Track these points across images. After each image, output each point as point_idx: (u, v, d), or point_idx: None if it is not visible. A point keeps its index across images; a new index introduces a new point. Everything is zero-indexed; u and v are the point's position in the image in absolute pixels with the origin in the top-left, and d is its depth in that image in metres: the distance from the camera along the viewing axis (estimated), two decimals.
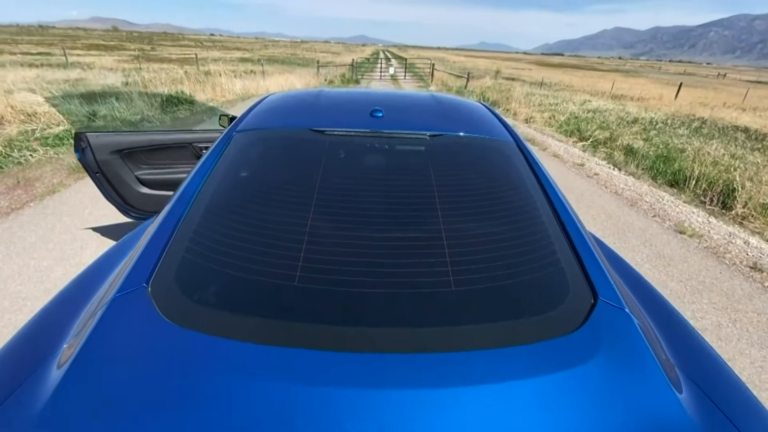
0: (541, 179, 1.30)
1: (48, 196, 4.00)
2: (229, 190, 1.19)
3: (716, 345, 2.38)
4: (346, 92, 2.13)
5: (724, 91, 30.09)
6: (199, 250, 0.96)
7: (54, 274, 2.70)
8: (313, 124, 1.44)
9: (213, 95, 12.78)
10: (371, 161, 1.31)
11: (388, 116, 1.53)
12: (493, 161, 1.38)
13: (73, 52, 31.15)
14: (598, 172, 6.04)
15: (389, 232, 1.06)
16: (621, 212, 4.38)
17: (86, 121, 8.52)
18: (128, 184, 2.60)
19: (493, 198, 1.21)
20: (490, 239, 1.04)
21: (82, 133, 2.43)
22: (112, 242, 3.10)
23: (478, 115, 1.77)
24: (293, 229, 1.02)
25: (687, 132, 11.43)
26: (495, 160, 1.38)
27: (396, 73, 23.00)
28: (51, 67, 19.56)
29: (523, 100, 14.80)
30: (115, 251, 1.31)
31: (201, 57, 30.08)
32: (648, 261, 3.31)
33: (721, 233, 4.13)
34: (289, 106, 1.76)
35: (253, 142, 1.41)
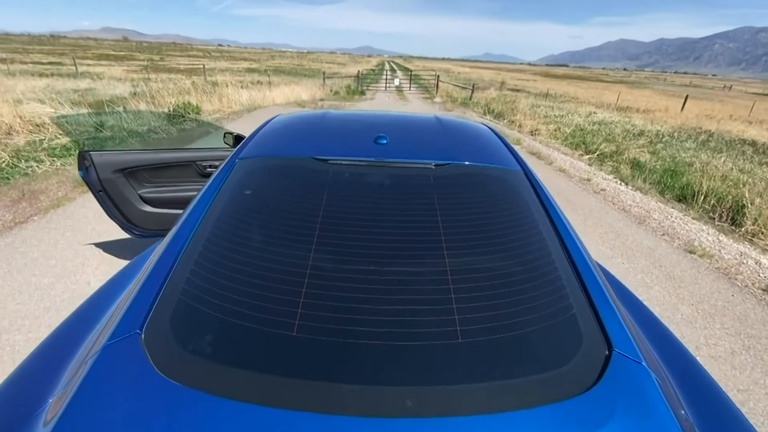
0: (551, 213, 1.26)
1: (52, 209, 4.01)
2: (228, 226, 1.15)
3: (730, 374, 2.30)
4: (350, 115, 2.11)
5: (731, 104, 30.00)
6: (195, 293, 0.92)
7: (54, 291, 2.67)
8: (316, 152, 1.42)
9: (220, 106, 12.89)
10: (374, 194, 1.27)
11: (393, 143, 1.50)
12: (501, 193, 1.34)
13: (83, 62, 31.71)
14: (605, 187, 5.98)
15: (392, 275, 1.02)
16: (629, 230, 4.30)
17: (93, 132, 8.61)
18: (131, 202, 2.58)
19: (500, 235, 1.16)
20: (498, 282, 1.00)
21: (86, 151, 2.42)
22: (113, 258, 3.09)
23: (484, 141, 1.73)
24: (293, 271, 0.98)
25: (694, 145, 11.36)
26: (502, 192, 1.34)
27: (401, 85, 23.14)
28: (61, 77, 19.91)
29: (528, 111, 14.80)
30: (110, 288, 1.28)
31: (209, 67, 30.53)
32: (658, 283, 3.23)
33: (732, 253, 4.04)
34: (294, 131, 1.74)
35: (256, 170, 1.38)
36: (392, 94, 19.81)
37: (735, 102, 32.38)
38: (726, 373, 2.31)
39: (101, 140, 7.93)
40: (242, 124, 9.33)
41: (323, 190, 1.25)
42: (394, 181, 1.32)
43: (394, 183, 1.32)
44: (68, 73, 21.59)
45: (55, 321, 2.38)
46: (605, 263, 3.49)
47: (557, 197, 5.25)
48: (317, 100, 15.75)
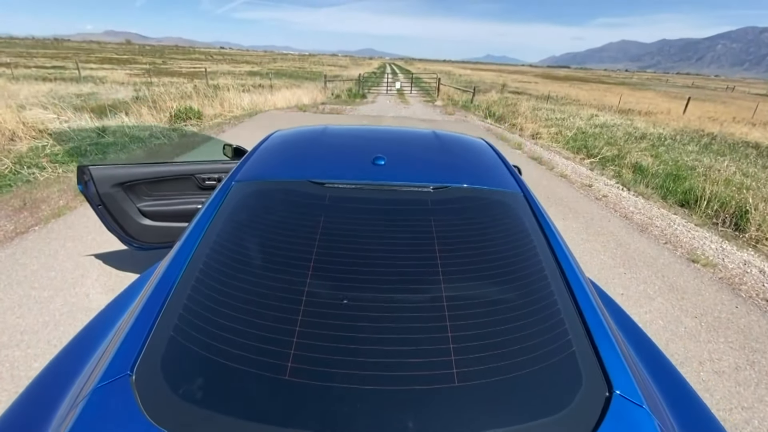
0: (550, 239, 1.24)
1: (53, 219, 4.01)
2: (223, 258, 1.12)
3: (734, 391, 2.27)
4: (349, 131, 2.09)
5: (733, 105, 29.87)
6: (187, 331, 0.90)
7: (53, 305, 2.67)
8: (313, 175, 1.40)
9: (221, 110, 12.90)
10: (371, 220, 1.26)
11: (391, 164, 1.49)
12: (499, 218, 1.31)
13: (86, 66, 31.87)
14: (606, 193, 5.95)
15: (387, 310, 0.99)
16: (631, 239, 4.27)
17: (95, 137, 8.63)
18: (130, 216, 2.58)
19: (498, 264, 1.14)
20: (495, 318, 0.98)
21: (84, 166, 2.42)
22: (112, 270, 3.08)
23: (482, 160, 1.72)
24: (287, 308, 0.97)
25: (696, 149, 11.30)
26: (501, 217, 1.32)
27: (402, 88, 23.15)
28: (64, 81, 20.02)
29: (530, 115, 14.76)
30: (103, 320, 1.26)
31: (210, 71, 30.62)
32: (660, 294, 3.20)
33: (736, 261, 4.01)
34: (291, 150, 1.73)
35: (252, 194, 1.36)
36: (393, 98, 19.82)
37: (738, 103, 32.24)
38: (730, 389, 2.28)
39: (103, 146, 7.95)
40: (243, 130, 9.34)
41: (320, 217, 1.24)
42: (392, 206, 1.31)
43: (392, 208, 1.30)
44: (71, 78, 21.70)
45: (53, 336, 2.38)
46: (607, 273, 3.47)
47: (558, 204, 5.27)
48: (318, 104, 15.76)
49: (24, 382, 2.05)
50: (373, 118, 12.05)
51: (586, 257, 3.71)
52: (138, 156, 7.30)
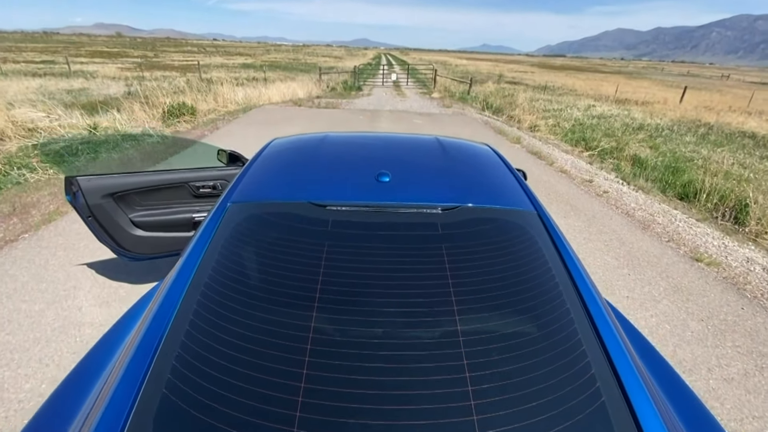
0: (568, 264, 1.16)
1: (44, 225, 3.90)
2: (219, 296, 1.03)
3: (744, 399, 2.24)
4: (349, 140, 2.00)
5: (729, 94, 29.80)
6: (181, 388, 0.82)
7: (45, 320, 2.58)
8: (314, 195, 1.32)
9: (215, 105, 12.69)
10: (377, 246, 1.17)
11: (395, 181, 1.41)
12: (514, 241, 1.23)
13: (76, 60, 31.29)
14: (607, 189, 5.89)
15: (398, 348, 0.93)
16: (634, 237, 4.22)
17: (87, 134, 8.46)
18: (122, 227, 2.48)
19: (515, 294, 1.07)
20: (517, 356, 0.91)
21: (72, 177, 2.32)
22: (105, 280, 2.99)
23: (489, 171, 1.64)
24: (290, 358, 0.89)
25: (694, 139, 11.27)
26: (516, 240, 1.24)
27: (398, 80, 22.90)
28: (54, 77, 19.63)
29: (527, 106, 14.65)
30: (84, 371, 1.16)
31: (203, 63, 30.14)
32: (666, 296, 3.16)
33: (739, 259, 3.97)
34: (290, 163, 1.63)
35: (249, 218, 1.27)
36: (390, 90, 19.59)
37: (733, 92, 32.18)
38: (740, 397, 2.24)
39: (95, 144, 7.79)
40: (237, 127, 9.17)
41: (323, 246, 1.15)
42: (399, 231, 1.23)
43: (399, 234, 1.22)
44: (61, 73, 21.29)
45: (44, 354, 2.30)
46: (611, 275, 3.42)
47: (560, 202, 5.21)
48: (314, 97, 15.56)
49: (15, 406, 1.98)
50: (371, 112, 11.89)
51: (589, 258, 3.66)
52: (131, 155, 7.15)
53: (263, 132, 8.48)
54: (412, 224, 1.24)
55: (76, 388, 1.10)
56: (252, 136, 8.03)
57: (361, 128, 9.24)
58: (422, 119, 11.06)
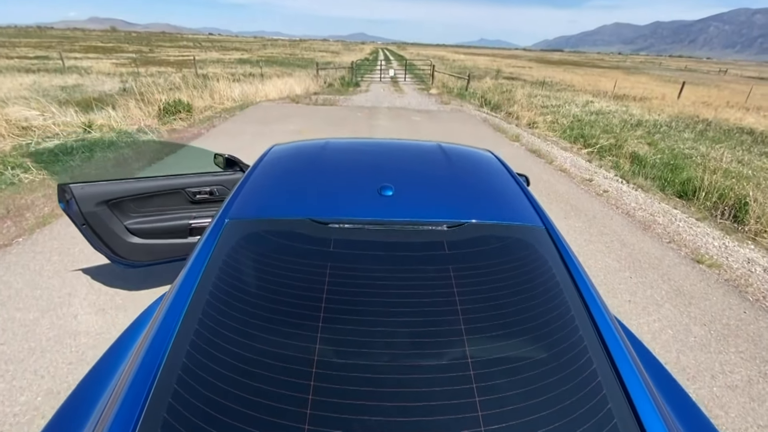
0: (579, 283, 1.13)
1: (38, 228, 3.84)
2: (217, 318, 1.00)
3: (749, 407, 2.22)
4: (351, 147, 1.95)
5: (727, 89, 29.79)
6: (182, 414, 0.79)
7: (39, 329, 2.54)
8: (314, 211, 1.27)
9: (211, 102, 12.57)
10: (382, 268, 1.13)
11: (399, 194, 1.37)
12: (524, 260, 1.19)
13: (70, 56, 30.95)
14: (607, 188, 5.86)
15: (406, 371, 0.90)
16: (635, 238, 4.20)
17: (81, 133, 8.36)
18: (117, 234, 2.43)
19: (525, 317, 1.03)
20: (529, 381, 0.88)
21: (65, 184, 2.26)
22: (101, 287, 2.94)
23: (493, 181, 1.60)
24: (294, 383, 0.86)
25: (692, 136, 11.26)
26: (525, 259, 1.20)
27: (396, 76, 22.77)
28: (48, 73, 19.41)
29: (525, 102, 14.60)
30: (86, 392, 1.13)
31: (199, 59, 29.86)
32: (668, 300, 3.14)
33: (740, 260, 3.96)
34: (289, 174, 1.58)
35: (248, 237, 1.23)
36: (387, 86, 19.48)
37: (731, 87, 32.19)
38: (745, 405, 2.23)
39: (90, 143, 7.70)
40: (234, 125, 9.08)
41: (325, 266, 1.11)
42: (403, 251, 1.19)
43: (403, 254, 1.18)
44: (55, 69, 21.05)
45: (40, 365, 2.26)
46: (613, 278, 3.39)
47: (560, 201, 5.18)
48: (311, 93, 15.44)
49: (10, 420, 1.94)
50: (368, 109, 11.81)
51: (590, 261, 3.63)
52: (126, 154, 7.07)
53: (261, 131, 8.40)
54: (417, 243, 1.20)
55: (80, 406, 1.07)
56: (249, 135, 7.95)
57: (359, 126, 9.16)
58: (421, 116, 10.99)
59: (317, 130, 8.58)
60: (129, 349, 1.25)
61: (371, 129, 8.89)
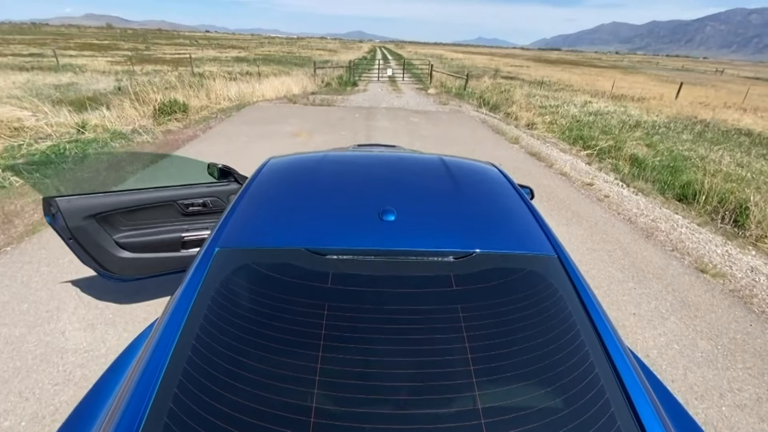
0: (594, 319, 1.05)
1: (27, 237, 3.73)
2: (206, 356, 0.93)
3: (759, 428, 2.16)
4: (350, 162, 1.86)
5: (724, 89, 29.88)
6: None
7: (26, 346, 2.44)
8: (310, 240, 1.19)
9: (207, 102, 12.43)
10: (383, 303, 1.04)
11: (401, 218, 1.28)
12: (537, 295, 1.11)
13: (65, 53, 30.64)
14: (608, 193, 5.80)
15: (410, 422, 0.83)
16: (638, 247, 4.14)
17: (75, 134, 8.23)
18: (106, 249, 2.34)
19: (540, 360, 0.95)
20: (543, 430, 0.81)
21: (51, 197, 2.16)
22: (90, 300, 2.85)
23: (500, 200, 1.52)
24: None
25: (690, 137, 11.24)
26: (539, 294, 1.11)
27: (394, 75, 22.65)
28: (42, 71, 19.19)
29: (524, 103, 14.54)
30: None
31: (196, 57, 29.61)
32: (673, 312, 3.07)
33: (743, 269, 3.90)
34: (284, 195, 1.49)
35: (238, 269, 1.14)
36: (385, 85, 19.36)
37: (728, 87, 32.28)
38: (754, 426, 2.16)
39: (83, 143, 7.58)
40: (230, 126, 8.95)
41: (323, 305, 1.03)
42: (407, 287, 1.10)
43: (407, 291, 1.09)
44: (49, 67, 20.80)
45: (25, 386, 2.16)
46: (617, 289, 3.33)
47: (561, 208, 5.11)
48: (308, 93, 15.32)
49: None
50: (366, 110, 11.71)
51: (593, 270, 3.57)
52: (119, 153, 6.95)
53: (257, 132, 8.29)
54: (422, 278, 1.12)
55: None
56: (246, 137, 7.84)
57: (357, 128, 9.06)
58: (419, 117, 10.90)
59: (315, 132, 8.48)
60: (114, 387, 1.17)
61: (369, 131, 8.79)
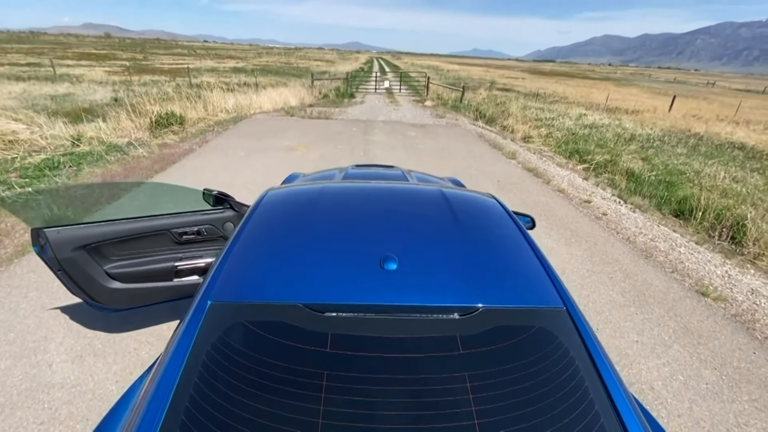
0: (603, 375, 1.00)
1: (17, 259, 3.64)
2: (200, 418, 0.87)
3: None
4: (349, 195, 1.82)
5: (716, 101, 30.33)
6: None
7: (11, 380, 2.34)
8: (308, 294, 1.13)
9: (204, 114, 12.41)
10: (385, 376, 0.99)
11: (403, 267, 1.23)
12: (544, 355, 1.05)
13: (62, 62, 30.65)
14: (606, 210, 5.79)
15: None
16: (637, 268, 4.10)
17: (70, 146, 8.15)
18: (96, 280, 2.26)
19: (547, 419, 0.90)
20: None
21: (39, 229, 2.10)
22: (80, 329, 2.76)
23: (503, 242, 1.48)
24: None
25: (685, 151, 11.33)
26: (546, 353, 1.05)
27: (391, 87, 22.80)
28: (39, 81, 19.14)
29: (520, 115, 14.64)
30: None
31: (193, 68, 29.68)
32: (676, 339, 3.03)
33: (744, 291, 3.88)
34: (281, 240, 1.42)
35: (232, 326, 1.07)
36: (383, 97, 19.46)
37: (720, 99, 32.78)
38: None
39: (78, 156, 7.50)
40: (227, 140, 8.90)
41: (321, 373, 0.97)
42: (410, 349, 1.04)
43: (410, 356, 1.03)
44: (46, 77, 20.77)
45: (8, 425, 2.07)
46: (619, 314, 3.28)
47: (560, 227, 5.08)
48: (306, 105, 15.35)
49: None
50: (364, 123, 11.73)
51: (594, 295, 3.52)
52: (114, 170, 6.88)
53: (254, 146, 8.24)
54: (425, 340, 1.06)
55: None
56: (243, 152, 7.79)
57: (354, 142, 9.05)
58: (416, 131, 10.91)
59: (312, 146, 8.45)
60: None
61: (367, 145, 8.78)
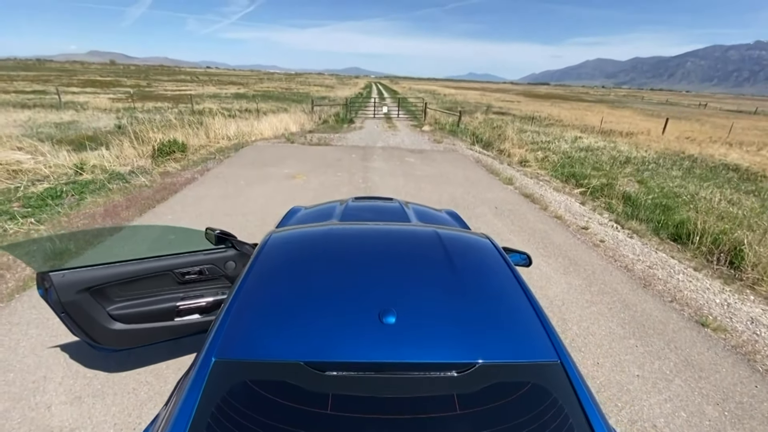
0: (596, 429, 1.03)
1: (17, 294, 3.66)
2: None
3: None
4: (348, 244, 1.86)
5: (708, 123, 30.87)
6: None
7: (9, 422, 2.32)
8: (308, 351, 1.16)
9: (206, 141, 12.62)
10: (385, 425, 1.01)
11: (401, 321, 1.27)
12: (540, 413, 1.08)
13: (68, 90, 31.30)
14: (603, 237, 5.84)
15: None
16: (636, 298, 4.12)
17: (72, 175, 8.26)
18: (98, 322, 2.28)
19: None
20: None
21: (45, 273, 2.14)
22: (79, 368, 2.75)
23: (498, 290, 1.52)
24: None
25: (680, 173, 11.48)
26: (542, 411, 1.08)
27: (389, 112, 23.25)
28: (44, 108, 19.51)
29: (516, 139, 14.90)
30: None
31: (196, 94, 30.36)
32: (678, 373, 3.02)
33: (743, 320, 3.88)
34: (283, 293, 1.46)
35: (236, 384, 1.10)
36: (381, 122, 19.83)
37: (712, 121, 33.39)
38: None
39: (80, 185, 7.60)
40: (228, 169, 9.02)
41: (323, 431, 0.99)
42: (410, 408, 1.07)
43: (410, 416, 1.06)
44: (51, 104, 21.20)
45: None
46: (619, 347, 3.27)
47: (558, 255, 5.11)
48: (306, 131, 15.62)
49: None
50: (362, 149, 11.92)
51: (594, 326, 3.52)
52: (117, 201, 6.94)
53: (255, 174, 8.36)
54: (425, 399, 1.09)
55: None
56: (243, 181, 7.89)
57: (354, 170, 9.18)
58: (414, 157, 11.09)
59: (312, 174, 8.58)
60: None
61: (366, 172, 8.91)
